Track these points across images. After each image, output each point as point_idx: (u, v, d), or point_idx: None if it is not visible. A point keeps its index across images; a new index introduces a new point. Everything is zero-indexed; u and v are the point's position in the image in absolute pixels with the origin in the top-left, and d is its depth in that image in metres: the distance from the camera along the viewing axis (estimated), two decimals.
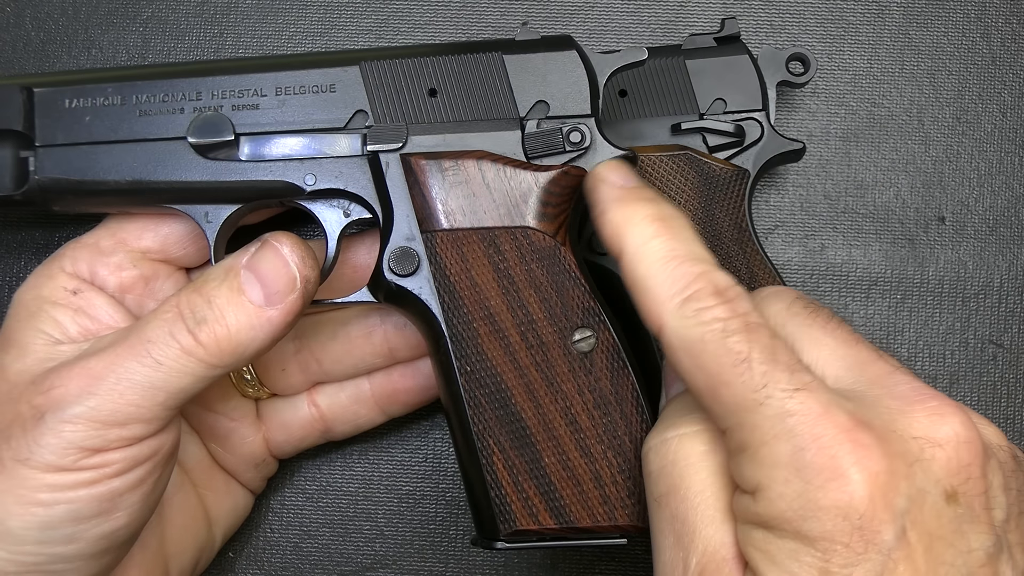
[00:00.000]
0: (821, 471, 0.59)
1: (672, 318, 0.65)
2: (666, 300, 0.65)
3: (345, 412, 0.88)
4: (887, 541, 0.58)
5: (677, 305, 0.65)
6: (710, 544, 0.63)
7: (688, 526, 0.64)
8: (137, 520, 0.73)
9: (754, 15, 0.96)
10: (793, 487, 0.59)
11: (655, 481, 0.67)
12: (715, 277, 0.66)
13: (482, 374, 0.75)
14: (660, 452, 0.67)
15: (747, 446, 0.61)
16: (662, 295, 0.66)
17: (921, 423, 0.61)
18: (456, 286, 0.75)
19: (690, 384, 0.65)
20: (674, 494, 0.66)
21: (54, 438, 0.69)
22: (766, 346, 0.62)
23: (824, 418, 0.60)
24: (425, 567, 0.92)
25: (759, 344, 0.62)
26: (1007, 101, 0.95)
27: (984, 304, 0.94)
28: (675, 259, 0.67)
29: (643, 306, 0.67)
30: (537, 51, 0.78)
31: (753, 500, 0.61)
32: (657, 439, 0.68)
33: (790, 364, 0.62)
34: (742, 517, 0.62)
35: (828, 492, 0.58)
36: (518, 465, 0.75)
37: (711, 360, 0.63)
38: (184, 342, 0.70)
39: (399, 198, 0.76)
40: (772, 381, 0.61)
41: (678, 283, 0.66)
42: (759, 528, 0.61)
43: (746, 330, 0.63)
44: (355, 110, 0.77)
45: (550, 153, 0.76)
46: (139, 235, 0.80)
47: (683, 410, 0.69)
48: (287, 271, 0.73)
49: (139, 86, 0.77)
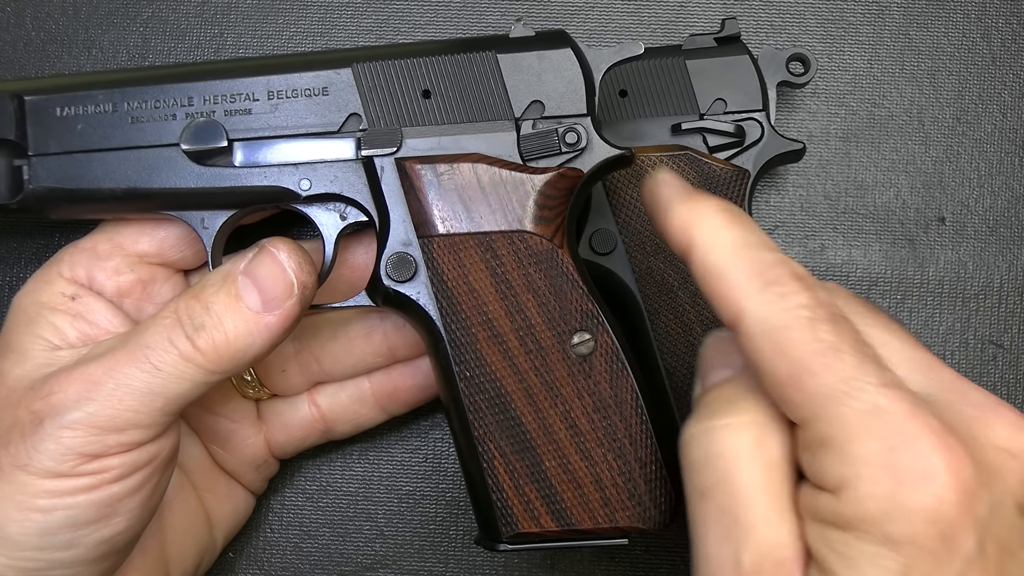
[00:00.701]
0: (912, 472, 0.56)
1: (753, 303, 0.62)
2: (745, 283, 0.62)
3: (346, 412, 0.88)
4: (969, 550, 0.56)
5: (758, 288, 0.62)
6: (765, 543, 0.60)
7: (740, 523, 0.61)
8: (136, 525, 0.73)
9: (754, 15, 0.96)
10: (883, 487, 0.57)
11: (699, 471, 0.64)
12: (793, 265, 0.63)
13: (481, 379, 0.75)
14: (704, 442, 0.64)
15: (831, 440, 0.59)
16: (741, 279, 0.62)
17: (999, 433, 0.60)
18: (454, 292, 0.75)
19: (768, 371, 0.61)
20: (721, 487, 0.62)
21: (53, 444, 0.69)
22: (855, 339, 0.60)
23: (915, 418, 0.57)
24: (425, 567, 0.92)
25: (847, 335, 0.60)
26: (1007, 101, 0.95)
27: (984, 305, 0.94)
28: (751, 246, 0.64)
29: (719, 294, 0.63)
30: (531, 49, 0.77)
31: (836, 498, 0.58)
32: (700, 427, 0.64)
33: (876, 359, 0.60)
34: (816, 515, 0.60)
35: (919, 495, 0.56)
36: (519, 469, 0.75)
37: (798, 347, 0.60)
38: (182, 348, 0.71)
39: (395, 203, 0.76)
40: (862, 374, 0.58)
41: (757, 267, 0.63)
42: (836, 528, 0.58)
43: (832, 320, 0.61)
44: (348, 113, 0.77)
45: (546, 155, 0.76)
46: (136, 239, 0.80)
47: (729, 399, 0.65)
48: (284, 277, 0.73)
49: (130, 92, 0.77)
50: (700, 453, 0.64)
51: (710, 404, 0.66)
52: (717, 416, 0.64)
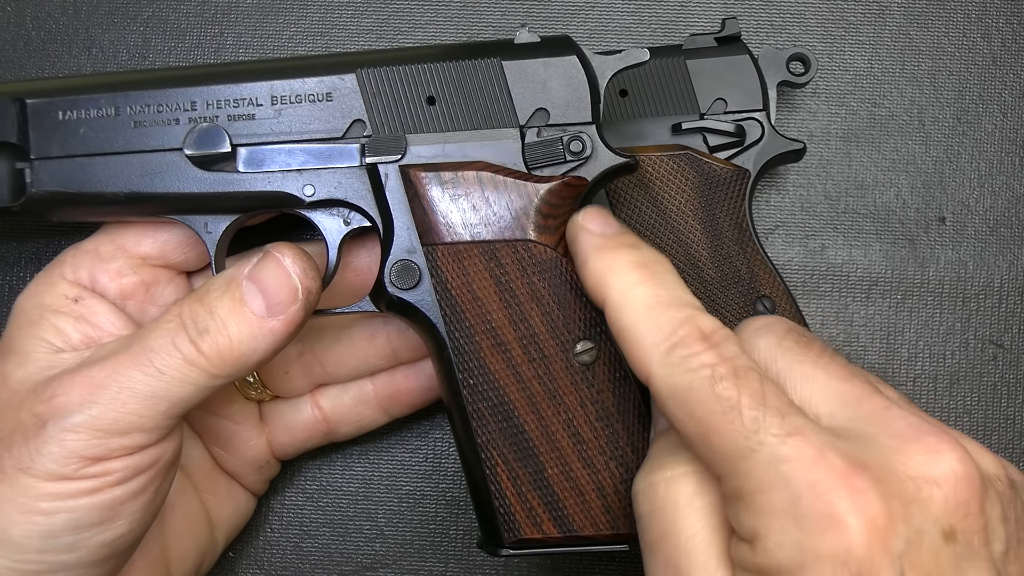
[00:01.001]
0: (818, 519, 0.57)
1: (659, 367, 0.64)
2: (652, 348, 0.65)
3: (348, 414, 0.88)
4: None
5: (663, 353, 0.64)
6: None
7: (682, 573, 0.63)
8: (139, 528, 0.73)
9: (755, 15, 0.96)
10: (791, 536, 0.58)
11: (646, 526, 0.66)
12: (700, 321, 0.65)
13: (485, 387, 0.75)
14: (649, 495, 0.66)
15: (742, 494, 0.60)
16: (648, 343, 0.65)
17: (917, 462, 0.60)
18: (458, 300, 0.75)
19: (681, 432, 0.64)
20: (666, 540, 0.64)
21: (56, 446, 0.69)
22: (756, 391, 0.61)
23: (819, 463, 0.58)
24: (425, 567, 0.92)
25: (748, 389, 0.61)
26: (1008, 101, 0.95)
27: (984, 304, 0.94)
28: (659, 306, 0.66)
29: (630, 355, 0.66)
30: (537, 56, 0.77)
31: (751, 549, 0.60)
32: (645, 482, 0.67)
33: (781, 408, 0.61)
34: (740, 565, 0.61)
35: (826, 540, 0.57)
36: (522, 476, 0.75)
37: (700, 408, 0.62)
38: (186, 352, 0.71)
39: (399, 210, 0.76)
40: (764, 427, 0.60)
41: (663, 330, 0.65)
42: None
43: (735, 375, 0.62)
44: (353, 119, 0.76)
45: (550, 163, 0.76)
46: (138, 241, 0.80)
47: (670, 450, 0.67)
48: (289, 282, 0.73)
49: (133, 96, 0.76)
50: (646, 507, 0.66)
51: (654, 455, 0.68)
52: (659, 469, 0.66)
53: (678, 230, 0.84)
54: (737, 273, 0.84)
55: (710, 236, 0.84)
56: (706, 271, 0.84)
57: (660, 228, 0.84)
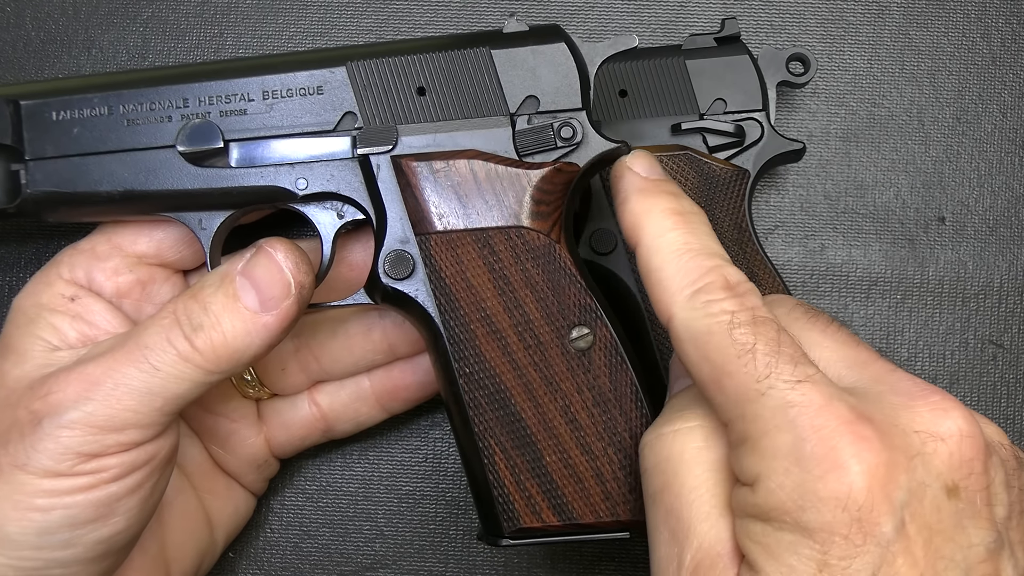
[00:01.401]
0: (821, 462, 0.59)
1: (681, 309, 0.66)
2: (676, 291, 0.66)
3: (346, 410, 0.88)
4: (886, 533, 0.58)
5: (687, 297, 0.66)
6: (705, 540, 0.63)
7: (683, 522, 0.64)
8: (135, 525, 0.73)
9: (754, 15, 0.96)
10: (792, 477, 0.59)
11: (650, 477, 0.68)
12: (727, 271, 0.66)
13: (481, 375, 0.75)
14: (655, 448, 0.68)
15: (748, 437, 0.62)
16: (673, 286, 0.66)
17: (923, 417, 0.61)
18: (452, 288, 0.75)
19: (695, 375, 0.65)
20: (668, 490, 0.66)
21: (51, 443, 0.69)
22: (772, 338, 0.63)
23: (826, 409, 0.60)
24: (425, 567, 0.92)
25: (765, 336, 0.63)
26: (1007, 101, 0.95)
27: (984, 304, 0.94)
28: (689, 252, 0.67)
29: (654, 296, 0.68)
30: (525, 44, 0.77)
31: (752, 491, 0.61)
32: (652, 434, 0.68)
33: (794, 356, 0.62)
34: (740, 510, 0.62)
35: (827, 483, 0.58)
36: (520, 465, 0.75)
37: (716, 351, 0.63)
38: (181, 348, 0.71)
39: (391, 201, 0.76)
40: (775, 372, 0.61)
41: (690, 275, 0.66)
42: (757, 521, 0.61)
43: (753, 322, 0.63)
44: (344, 112, 0.77)
45: (541, 150, 0.76)
46: (134, 240, 0.80)
47: (680, 406, 0.69)
48: (282, 277, 0.73)
49: (125, 95, 0.77)
50: (652, 460, 0.68)
51: (665, 413, 0.70)
52: (668, 423, 0.68)
53: None
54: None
55: None
56: None
57: None
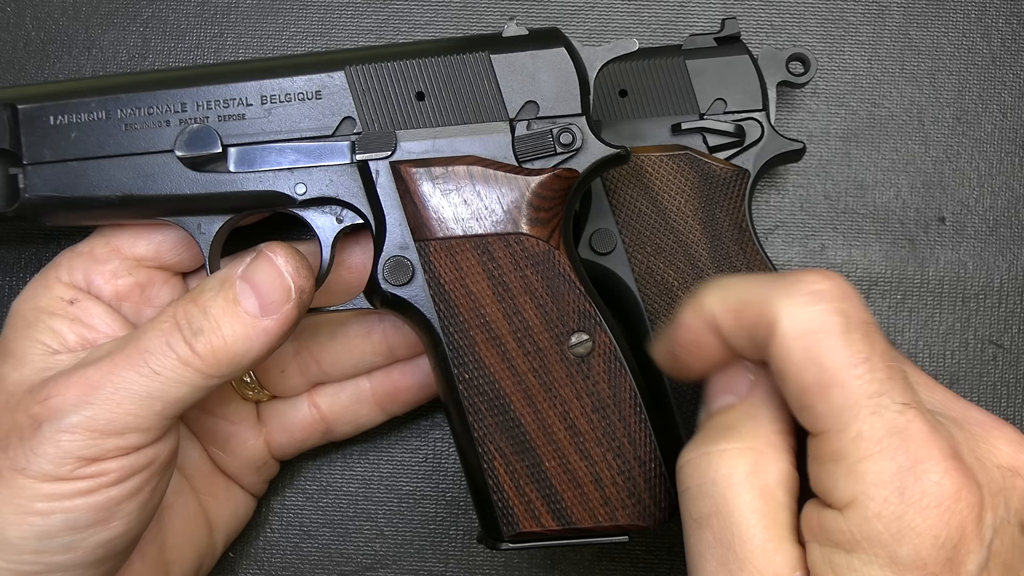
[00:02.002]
0: (924, 496, 0.56)
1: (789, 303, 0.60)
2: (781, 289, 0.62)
3: (346, 412, 0.88)
4: (970, 571, 0.57)
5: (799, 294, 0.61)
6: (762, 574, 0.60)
7: (736, 554, 0.60)
8: (135, 528, 0.73)
9: (754, 15, 0.96)
10: (892, 508, 0.57)
11: (693, 499, 0.63)
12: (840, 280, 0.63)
13: (480, 381, 0.75)
14: (699, 467, 0.63)
15: (845, 455, 0.58)
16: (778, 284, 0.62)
17: (1002, 451, 0.60)
18: (451, 295, 0.75)
19: (795, 378, 0.60)
20: (717, 517, 0.61)
21: (51, 447, 0.69)
22: (885, 353, 0.59)
23: (931, 442, 0.57)
24: (425, 567, 0.92)
25: (879, 349, 0.59)
26: (1007, 101, 0.95)
27: (984, 304, 0.93)
28: None
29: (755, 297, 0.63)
30: (525, 49, 0.77)
31: (843, 516, 0.58)
32: (694, 452, 0.64)
33: (904, 378, 0.59)
34: (823, 535, 0.60)
35: (928, 518, 0.56)
36: (519, 470, 0.75)
37: (829, 354, 0.59)
38: (181, 352, 0.71)
39: (391, 206, 0.76)
40: (888, 391, 0.58)
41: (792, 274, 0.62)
42: (841, 551, 0.58)
43: (864, 329, 0.59)
44: (342, 117, 0.76)
45: (541, 156, 0.76)
46: (133, 243, 0.80)
47: (726, 424, 0.65)
48: (282, 281, 0.73)
49: (123, 99, 0.76)
50: (695, 480, 0.63)
51: (709, 430, 0.65)
52: (714, 442, 0.63)
53: (678, 230, 0.84)
54: (737, 273, 0.84)
55: (710, 236, 0.84)
56: (706, 271, 0.84)
57: (660, 228, 0.84)
